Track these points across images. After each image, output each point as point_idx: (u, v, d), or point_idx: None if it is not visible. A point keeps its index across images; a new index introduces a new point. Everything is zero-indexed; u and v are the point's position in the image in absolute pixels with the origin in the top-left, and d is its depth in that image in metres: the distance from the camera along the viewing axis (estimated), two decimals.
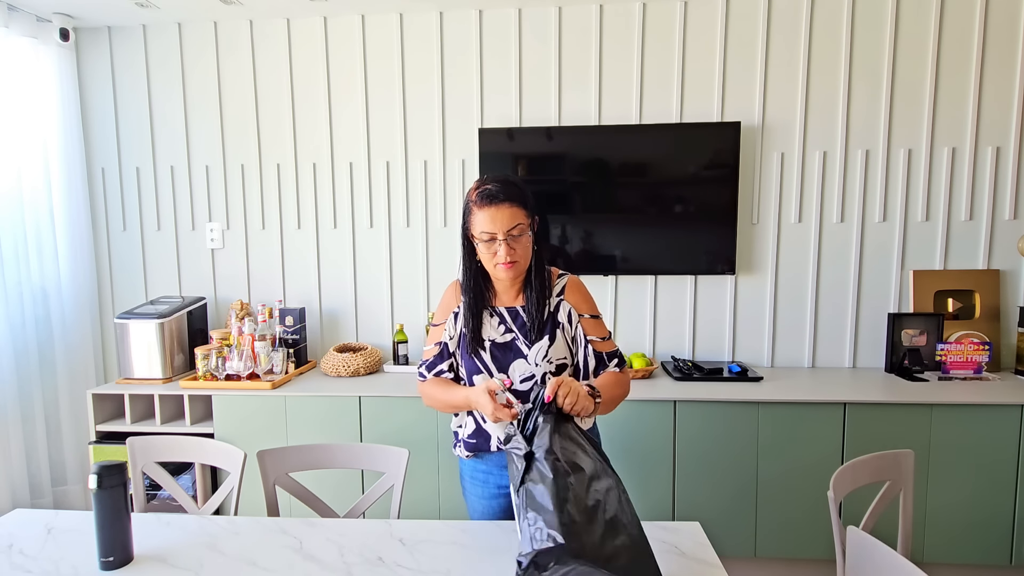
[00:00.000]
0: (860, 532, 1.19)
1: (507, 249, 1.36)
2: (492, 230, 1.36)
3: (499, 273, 1.40)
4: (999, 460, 2.20)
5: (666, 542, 1.32)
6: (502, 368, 1.45)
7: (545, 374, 1.43)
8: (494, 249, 1.37)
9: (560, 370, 1.45)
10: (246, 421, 2.43)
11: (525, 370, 1.44)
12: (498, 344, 1.46)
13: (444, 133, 2.75)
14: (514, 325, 1.46)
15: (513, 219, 1.36)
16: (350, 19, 2.73)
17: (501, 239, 1.36)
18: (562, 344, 1.45)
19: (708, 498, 2.31)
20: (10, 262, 2.56)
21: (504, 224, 1.35)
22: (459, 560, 1.26)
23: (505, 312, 1.47)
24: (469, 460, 1.56)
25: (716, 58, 2.60)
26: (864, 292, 2.66)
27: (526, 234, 1.39)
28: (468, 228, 1.41)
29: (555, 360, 1.44)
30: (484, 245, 1.38)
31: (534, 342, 1.44)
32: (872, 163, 2.59)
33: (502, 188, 1.36)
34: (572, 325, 1.46)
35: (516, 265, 1.39)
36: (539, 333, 1.44)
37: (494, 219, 1.35)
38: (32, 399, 2.64)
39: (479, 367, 1.47)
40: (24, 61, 2.59)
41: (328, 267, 2.88)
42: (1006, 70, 2.50)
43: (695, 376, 2.47)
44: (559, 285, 1.48)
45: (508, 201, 1.36)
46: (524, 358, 1.44)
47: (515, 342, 1.45)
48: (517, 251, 1.38)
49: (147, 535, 1.38)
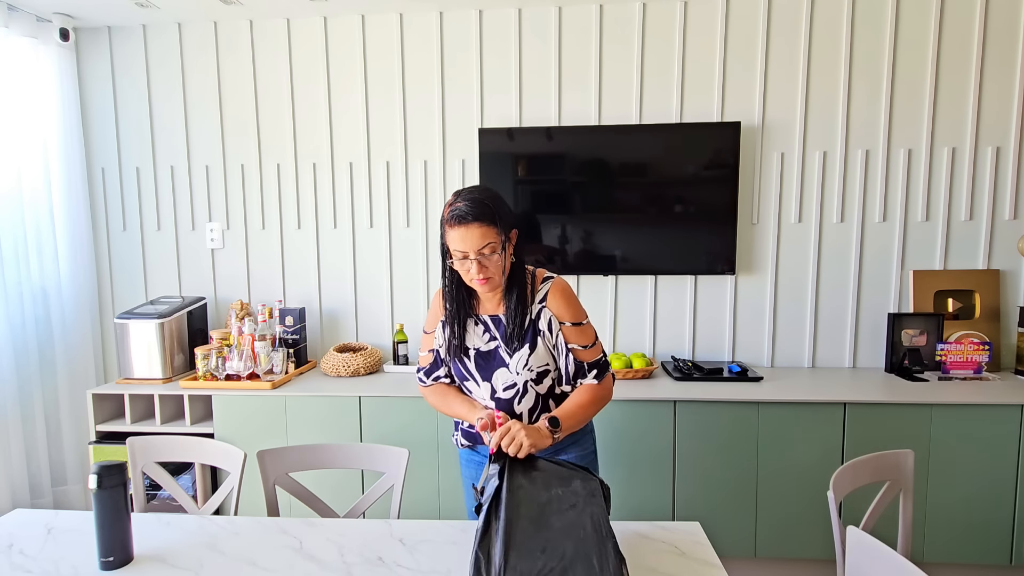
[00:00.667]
0: (860, 532, 1.19)
1: (478, 267, 1.37)
2: (463, 249, 1.36)
3: (475, 287, 1.42)
4: (999, 460, 2.20)
5: (666, 542, 1.32)
6: (486, 376, 1.47)
7: (527, 382, 1.45)
8: (467, 266, 1.38)
9: (542, 377, 1.46)
10: (246, 421, 2.43)
11: (507, 379, 1.46)
12: (482, 352, 1.48)
13: (444, 133, 2.75)
14: (497, 333, 1.47)
15: (483, 238, 1.35)
16: (350, 19, 2.73)
17: (473, 258, 1.36)
18: (543, 351, 1.45)
19: (708, 498, 2.31)
20: (10, 262, 2.56)
21: (474, 244, 1.35)
22: (459, 560, 1.26)
23: (489, 320, 1.48)
24: (465, 450, 1.60)
25: (716, 58, 2.60)
26: (864, 292, 2.66)
27: (498, 252, 1.38)
28: (445, 242, 1.42)
29: (536, 368, 1.45)
30: (458, 262, 1.39)
31: (515, 351, 1.44)
32: (872, 163, 2.59)
33: (471, 208, 1.35)
34: (553, 333, 1.46)
35: (490, 281, 1.40)
36: (520, 342, 1.44)
37: (464, 239, 1.35)
38: (32, 399, 2.64)
39: (465, 374, 1.50)
40: (24, 61, 2.59)
41: (328, 267, 2.88)
42: (1006, 70, 2.50)
43: (695, 376, 2.47)
44: (542, 291, 1.47)
45: (477, 221, 1.35)
46: (506, 367, 1.46)
47: (498, 350, 1.47)
48: (489, 268, 1.38)
49: (147, 535, 1.38)
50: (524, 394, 1.46)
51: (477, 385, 1.49)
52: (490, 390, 1.48)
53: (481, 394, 1.50)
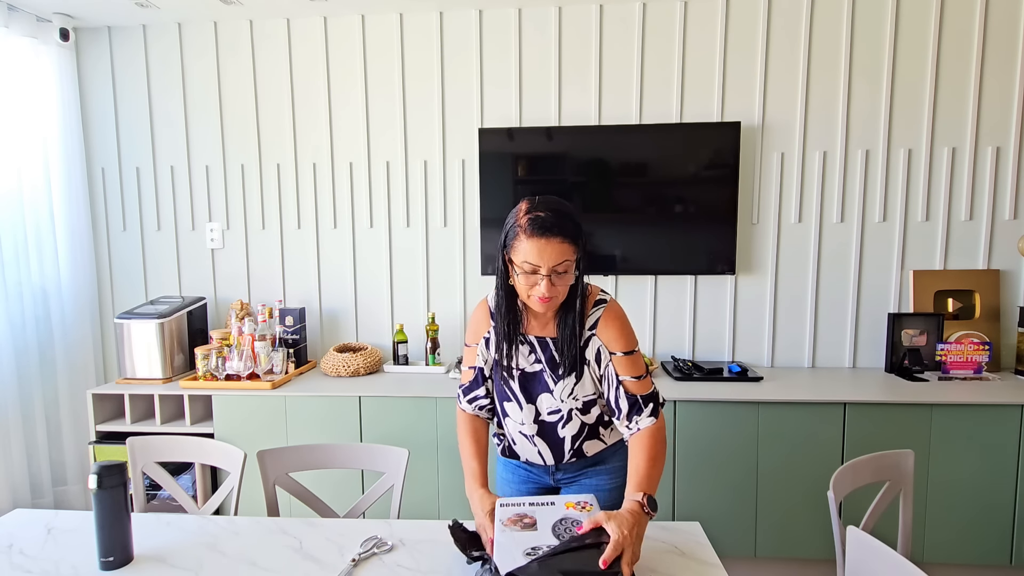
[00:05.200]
0: (860, 532, 1.19)
1: (548, 285, 1.24)
2: (537, 263, 1.23)
3: (532, 304, 1.30)
4: (999, 460, 2.20)
5: (666, 542, 1.32)
6: (530, 399, 1.39)
7: (571, 410, 1.37)
8: (533, 281, 1.25)
9: (589, 407, 1.38)
10: (246, 421, 2.43)
11: (551, 404, 1.38)
12: (527, 374, 1.39)
13: (444, 133, 2.75)
14: (543, 356, 1.37)
15: (562, 255, 1.23)
16: (350, 19, 2.73)
17: (544, 274, 1.23)
18: (589, 381, 1.36)
19: (708, 498, 2.31)
20: (10, 262, 2.56)
21: (551, 260, 1.22)
22: (459, 560, 1.26)
23: (535, 341, 1.38)
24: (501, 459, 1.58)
25: (716, 58, 2.60)
26: (864, 292, 2.66)
27: (571, 271, 1.26)
28: (508, 251, 1.28)
29: (582, 398, 1.37)
30: (524, 276, 1.25)
31: (559, 378, 1.36)
32: (872, 163, 2.59)
33: (556, 220, 1.23)
34: (601, 364, 1.35)
35: (552, 301, 1.27)
36: (567, 370, 1.34)
37: (542, 253, 1.22)
38: (32, 399, 2.64)
39: (508, 395, 1.41)
40: (24, 61, 2.59)
41: (328, 267, 2.88)
42: (1006, 70, 2.50)
43: (695, 376, 2.46)
44: (593, 317, 1.35)
45: (561, 236, 1.22)
46: (550, 393, 1.37)
47: (542, 374, 1.37)
48: (557, 287, 1.26)
49: (147, 535, 1.38)
50: (568, 421, 1.39)
51: (520, 408, 1.41)
52: (534, 413, 1.40)
53: (523, 417, 1.41)
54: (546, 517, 1.17)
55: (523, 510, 1.20)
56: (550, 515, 1.18)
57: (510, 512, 1.19)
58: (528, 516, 1.18)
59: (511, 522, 1.16)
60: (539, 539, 1.12)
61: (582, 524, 1.13)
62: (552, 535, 1.13)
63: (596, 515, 1.13)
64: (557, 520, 1.16)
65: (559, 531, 1.14)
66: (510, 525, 1.16)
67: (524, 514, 1.19)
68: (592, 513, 1.17)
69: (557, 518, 1.17)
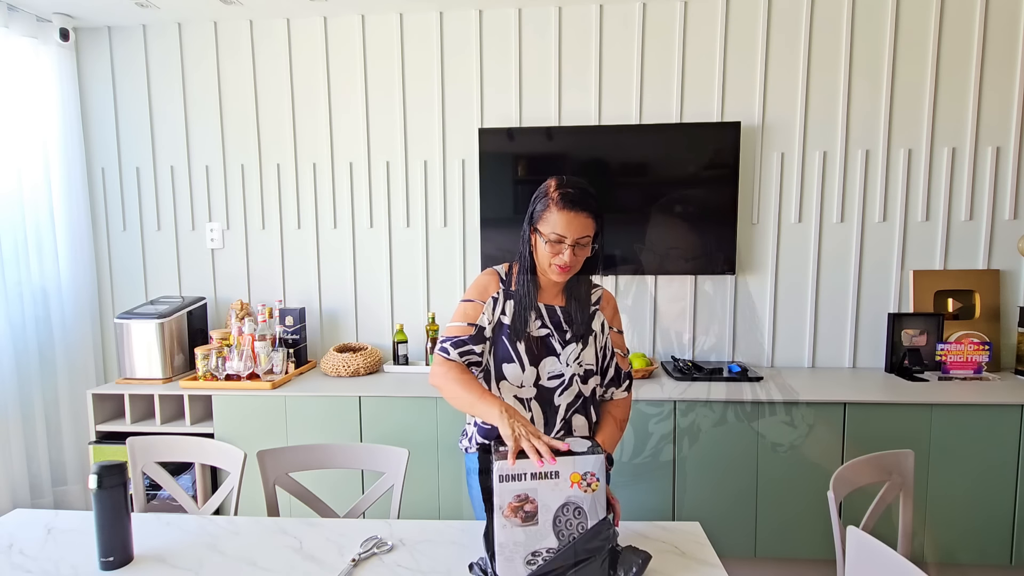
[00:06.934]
0: (860, 532, 1.19)
1: (570, 255, 1.38)
2: (564, 234, 1.37)
3: (551, 272, 1.42)
4: (999, 460, 2.20)
5: (666, 542, 1.32)
6: (534, 361, 1.46)
7: (574, 376, 1.45)
8: (558, 251, 1.39)
9: (588, 376, 1.48)
10: (246, 421, 2.43)
11: (555, 368, 1.46)
12: (534, 337, 1.47)
13: (444, 133, 2.75)
14: (549, 322, 1.48)
15: (585, 229, 1.38)
16: (350, 19, 2.73)
17: (568, 245, 1.38)
18: (592, 351, 1.48)
19: (708, 498, 2.31)
20: (10, 262, 2.56)
21: (577, 232, 1.37)
22: (459, 560, 1.26)
23: (544, 308, 1.49)
24: (474, 455, 1.53)
25: (716, 58, 2.60)
26: (864, 292, 2.66)
27: (589, 245, 1.42)
28: (536, 222, 1.42)
29: (585, 364, 1.47)
30: (549, 245, 1.39)
31: (568, 343, 1.46)
32: (872, 163, 2.59)
33: (583, 197, 1.38)
34: (603, 335, 1.51)
35: (570, 270, 1.41)
36: (575, 335, 1.46)
37: (570, 224, 1.37)
38: (32, 399, 2.64)
39: (512, 356, 1.45)
40: (24, 61, 2.59)
41: (328, 267, 2.88)
42: (1006, 70, 2.50)
43: (695, 376, 2.46)
44: (595, 294, 1.53)
45: (587, 211, 1.38)
46: (556, 356, 1.46)
47: (549, 339, 1.47)
48: (579, 257, 1.41)
49: (147, 535, 1.38)
50: (568, 387, 1.46)
51: (522, 370, 1.44)
52: (535, 376, 1.45)
53: (524, 379, 1.45)
54: (549, 501, 1.16)
55: (526, 487, 1.17)
56: (553, 498, 1.16)
57: (511, 493, 1.16)
58: (530, 500, 1.17)
59: (512, 510, 1.16)
60: (540, 539, 1.14)
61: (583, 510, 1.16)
62: (553, 534, 1.14)
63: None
64: (560, 507, 1.16)
65: (560, 527, 1.15)
66: (510, 516, 1.15)
67: (526, 496, 1.17)
68: (597, 493, 1.18)
69: (560, 503, 1.16)
